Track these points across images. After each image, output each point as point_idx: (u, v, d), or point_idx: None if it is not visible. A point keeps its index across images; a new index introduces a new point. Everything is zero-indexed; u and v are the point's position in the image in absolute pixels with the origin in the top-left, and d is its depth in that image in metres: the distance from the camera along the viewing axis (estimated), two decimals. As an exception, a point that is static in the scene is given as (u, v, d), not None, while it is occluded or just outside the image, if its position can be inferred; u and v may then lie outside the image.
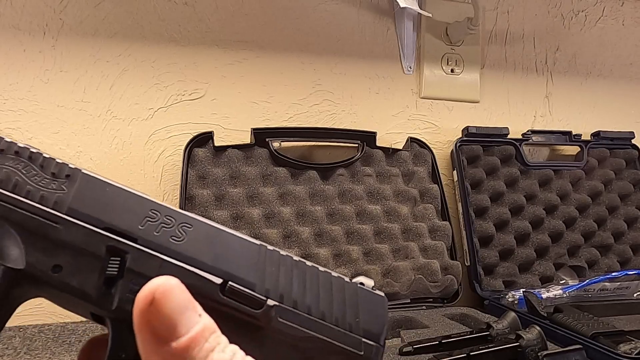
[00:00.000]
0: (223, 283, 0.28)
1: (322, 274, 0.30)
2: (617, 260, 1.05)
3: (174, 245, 0.28)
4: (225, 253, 0.29)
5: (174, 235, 0.28)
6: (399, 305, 0.87)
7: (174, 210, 0.29)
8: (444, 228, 0.94)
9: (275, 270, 0.29)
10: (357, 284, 0.31)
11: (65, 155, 0.86)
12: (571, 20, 1.17)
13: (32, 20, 0.85)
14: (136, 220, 0.28)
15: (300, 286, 0.29)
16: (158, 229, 0.28)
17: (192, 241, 0.28)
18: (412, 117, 1.06)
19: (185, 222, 0.29)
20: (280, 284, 0.29)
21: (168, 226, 0.28)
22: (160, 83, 0.91)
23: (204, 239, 0.28)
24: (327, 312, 0.29)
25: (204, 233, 0.29)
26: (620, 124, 1.19)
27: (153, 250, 0.27)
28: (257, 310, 0.28)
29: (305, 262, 0.30)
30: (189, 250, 0.28)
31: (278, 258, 0.29)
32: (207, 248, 0.28)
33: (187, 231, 0.28)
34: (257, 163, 0.90)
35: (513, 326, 0.70)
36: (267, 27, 0.97)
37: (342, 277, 0.31)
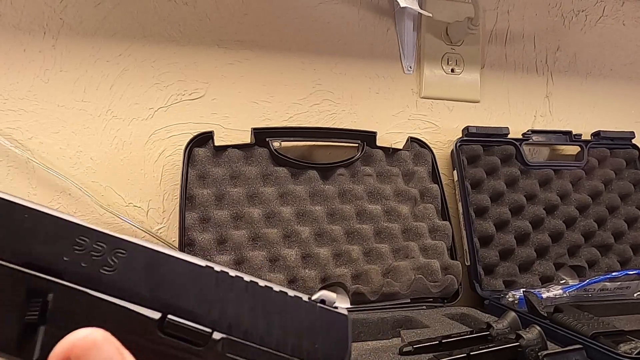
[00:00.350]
0: (161, 318, 0.24)
1: (277, 295, 0.27)
2: (618, 260, 1.05)
3: (105, 277, 0.24)
4: (165, 280, 0.25)
5: (105, 265, 0.25)
6: (399, 305, 0.87)
7: (106, 235, 0.25)
8: (444, 228, 0.94)
9: (224, 296, 0.26)
10: (316, 304, 0.28)
11: (65, 155, 0.87)
12: (571, 20, 1.17)
13: (32, 20, 0.85)
14: (61, 251, 0.24)
15: (252, 313, 0.26)
16: (86, 259, 0.24)
17: (127, 270, 0.25)
18: (412, 117, 1.06)
19: (119, 247, 0.25)
20: (229, 312, 0.26)
21: (98, 254, 0.25)
22: (160, 83, 0.91)
23: (140, 266, 0.25)
24: (281, 341, 0.26)
25: (141, 259, 0.25)
26: (620, 124, 1.19)
27: (80, 285, 0.24)
28: (200, 348, 0.25)
29: (257, 283, 0.27)
30: (123, 282, 0.25)
31: (227, 281, 0.26)
32: (143, 276, 0.25)
33: (121, 258, 0.25)
34: (257, 163, 0.90)
35: (513, 326, 0.70)
36: (267, 27, 0.97)
37: (300, 296, 0.28)
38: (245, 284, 0.27)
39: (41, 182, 0.85)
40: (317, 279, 0.86)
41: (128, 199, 0.89)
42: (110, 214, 0.87)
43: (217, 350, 0.25)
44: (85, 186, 0.86)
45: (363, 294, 0.86)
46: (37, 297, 0.23)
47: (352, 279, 0.88)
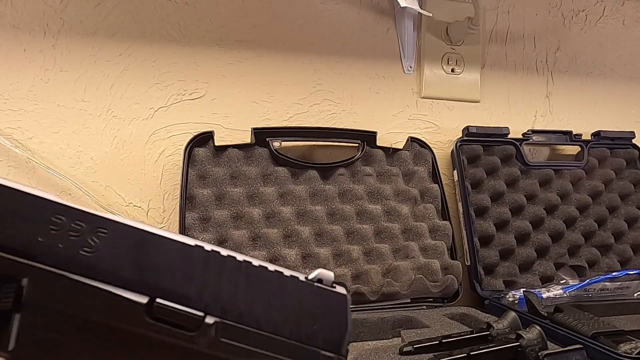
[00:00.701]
0: (149, 302, 0.23)
1: (272, 275, 0.25)
2: (618, 260, 1.05)
3: (85, 258, 0.22)
4: (152, 261, 0.23)
5: (84, 246, 0.22)
6: (399, 305, 0.87)
7: (85, 213, 0.23)
8: (444, 228, 0.94)
9: (216, 277, 0.24)
10: (313, 283, 0.26)
11: (66, 154, 0.87)
12: (572, 20, 1.17)
13: (33, 20, 0.85)
14: (35, 231, 0.22)
15: (247, 294, 0.24)
16: (63, 239, 0.22)
17: (109, 250, 0.23)
18: (412, 117, 1.06)
19: (100, 226, 0.23)
20: (223, 294, 0.24)
21: (77, 234, 0.23)
22: (160, 83, 0.91)
23: (124, 247, 0.23)
24: (279, 324, 0.24)
25: (125, 239, 0.23)
26: (620, 124, 1.19)
27: (57, 268, 0.22)
28: (193, 332, 0.23)
29: (251, 262, 0.25)
30: (105, 263, 0.22)
31: (219, 261, 0.24)
32: (128, 257, 0.23)
33: (102, 238, 0.23)
34: (257, 163, 0.90)
35: (513, 326, 0.70)
36: (268, 27, 0.97)
37: (297, 276, 0.26)
38: (238, 263, 0.25)
39: (41, 182, 0.85)
40: (317, 279, 0.86)
41: (128, 198, 0.89)
42: (111, 213, 0.87)
43: (210, 335, 0.23)
44: (86, 186, 0.86)
45: (363, 294, 0.86)
46: (10, 282, 0.21)
47: (352, 279, 0.88)
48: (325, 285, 0.27)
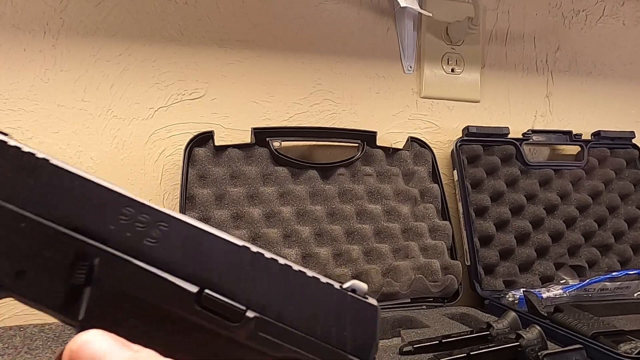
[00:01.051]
0: (199, 292, 0.25)
1: (310, 281, 0.27)
2: (618, 259, 1.05)
3: (147, 247, 0.25)
4: (204, 256, 0.26)
5: (148, 236, 0.25)
6: (399, 304, 0.87)
7: (150, 208, 0.26)
8: (444, 228, 0.94)
9: (259, 277, 0.26)
10: (347, 292, 0.28)
11: (66, 154, 0.87)
12: (572, 19, 1.17)
13: (33, 19, 0.85)
14: (108, 219, 0.25)
15: (285, 295, 0.26)
16: (131, 229, 0.25)
17: (168, 243, 0.25)
18: (412, 117, 1.06)
19: (162, 221, 0.26)
20: (263, 292, 0.26)
21: (142, 225, 0.26)
22: (160, 82, 0.91)
23: (181, 241, 0.26)
24: (312, 325, 0.26)
25: (182, 233, 0.26)
26: (620, 124, 1.19)
27: (124, 253, 0.25)
28: (235, 323, 0.25)
29: (291, 267, 0.27)
30: (164, 254, 0.25)
31: (263, 262, 0.27)
32: (183, 251, 0.26)
33: (163, 231, 0.26)
34: (257, 163, 0.90)
35: (513, 326, 0.70)
36: (268, 27, 0.97)
37: (332, 283, 0.28)
38: (279, 266, 0.27)
39: (41, 182, 0.85)
40: (317, 279, 0.86)
41: (128, 198, 0.89)
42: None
43: (249, 327, 0.25)
44: (86, 186, 0.86)
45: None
46: (84, 260, 0.24)
47: (352, 279, 0.87)
48: (358, 295, 0.28)
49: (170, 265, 0.25)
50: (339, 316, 0.27)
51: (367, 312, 0.28)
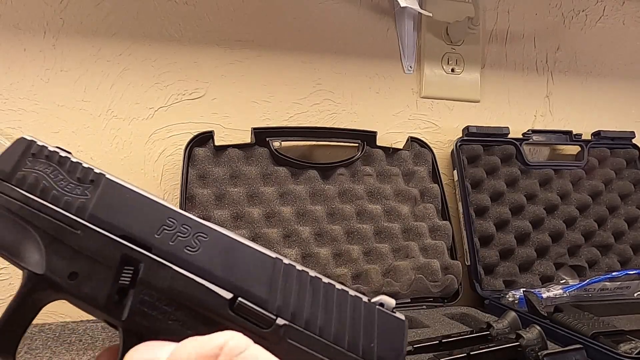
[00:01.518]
0: (233, 298, 0.27)
1: (339, 292, 0.29)
2: (618, 259, 1.05)
3: (188, 255, 0.27)
4: (239, 266, 0.28)
5: (188, 245, 0.28)
6: (399, 305, 0.87)
7: (191, 219, 0.28)
8: (444, 227, 0.94)
9: (289, 287, 0.28)
10: (375, 305, 0.29)
11: (66, 154, 0.86)
12: (572, 19, 1.17)
13: (33, 19, 0.85)
14: (153, 228, 0.28)
15: (314, 305, 0.28)
16: (173, 238, 0.28)
17: (206, 252, 0.28)
18: (412, 117, 1.06)
19: (201, 231, 0.28)
20: (293, 301, 0.28)
21: (184, 235, 0.28)
22: (160, 82, 0.91)
23: (218, 250, 0.28)
24: (340, 335, 0.28)
25: (219, 244, 0.28)
26: (620, 124, 1.19)
27: (166, 260, 0.27)
28: (265, 330, 0.27)
29: (321, 279, 0.29)
30: (202, 262, 0.27)
31: (293, 273, 0.28)
32: (220, 260, 0.28)
33: (202, 241, 0.28)
34: (257, 162, 0.90)
35: (513, 326, 0.70)
36: (268, 27, 0.97)
37: (360, 296, 0.29)
38: (310, 278, 0.29)
39: (41, 182, 0.85)
40: (317, 279, 0.86)
41: (128, 198, 0.89)
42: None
43: (279, 334, 0.27)
44: (86, 186, 0.86)
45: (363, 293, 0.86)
46: (130, 265, 0.27)
47: (352, 279, 0.88)
48: (385, 309, 0.30)
49: (208, 272, 0.27)
50: (367, 329, 0.29)
51: (394, 326, 0.29)
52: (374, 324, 0.29)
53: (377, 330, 0.29)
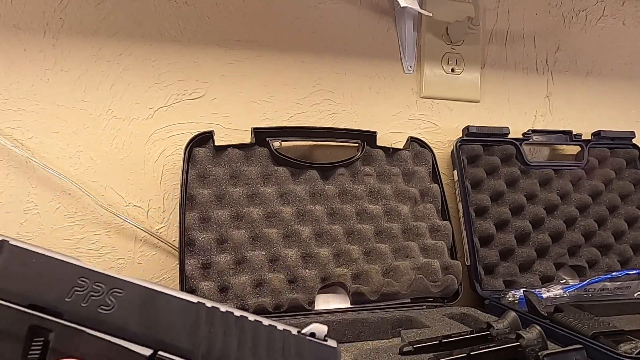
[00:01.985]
0: (152, 355, 0.26)
1: (266, 329, 0.28)
2: (618, 259, 1.05)
3: (102, 315, 0.26)
4: (158, 318, 0.26)
5: (103, 305, 0.26)
6: (399, 305, 0.87)
7: (106, 276, 0.27)
8: (444, 228, 0.94)
9: (214, 332, 0.27)
10: (305, 337, 0.29)
11: (66, 154, 0.87)
12: (572, 19, 1.17)
13: (33, 19, 0.85)
14: (63, 292, 0.26)
15: (241, 348, 0.27)
16: (86, 299, 0.26)
17: (123, 309, 0.26)
18: (412, 117, 1.06)
19: (116, 287, 0.27)
20: (218, 346, 0.26)
21: (97, 294, 0.26)
22: (160, 82, 0.91)
23: (135, 305, 0.26)
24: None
25: (137, 298, 0.27)
26: (620, 124, 1.19)
27: (80, 324, 0.25)
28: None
29: (247, 317, 0.28)
30: (119, 320, 0.26)
31: (217, 316, 0.27)
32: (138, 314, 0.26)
33: (118, 297, 0.26)
34: (257, 162, 0.90)
35: (513, 326, 0.70)
36: (268, 27, 0.97)
37: (290, 329, 0.29)
38: (234, 318, 0.28)
39: (41, 182, 0.85)
40: (317, 279, 0.86)
41: (128, 198, 0.89)
42: (111, 213, 0.87)
43: None
44: (85, 186, 0.86)
45: (363, 293, 0.86)
46: (40, 336, 0.25)
47: (352, 279, 0.88)
48: (317, 339, 0.29)
49: (125, 330, 0.26)
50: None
51: (327, 354, 0.29)
52: (305, 356, 0.28)
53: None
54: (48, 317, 0.25)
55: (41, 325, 0.25)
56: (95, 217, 0.87)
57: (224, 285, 0.82)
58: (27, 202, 0.85)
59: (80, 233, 0.87)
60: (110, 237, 0.88)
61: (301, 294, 0.84)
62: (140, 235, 0.89)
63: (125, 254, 0.89)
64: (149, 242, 0.90)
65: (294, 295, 0.84)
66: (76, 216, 0.86)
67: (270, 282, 0.83)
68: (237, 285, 0.81)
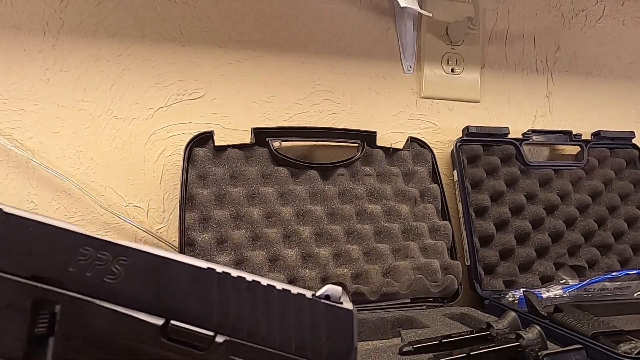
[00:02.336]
0: (164, 323, 0.25)
1: (280, 294, 0.27)
2: (618, 259, 1.05)
3: (109, 285, 0.25)
4: (168, 285, 0.25)
5: (109, 274, 0.25)
6: (399, 305, 0.87)
7: (108, 243, 0.26)
8: (444, 228, 0.94)
9: (226, 298, 0.26)
10: (320, 300, 0.28)
11: (66, 154, 0.87)
12: (571, 19, 1.17)
13: (33, 19, 0.85)
14: (66, 262, 0.25)
15: (255, 313, 0.26)
16: (91, 268, 0.25)
17: (129, 277, 0.25)
18: (412, 117, 1.06)
19: (121, 255, 0.25)
20: (232, 313, 0.25)
21: (102, 263, 0.25)
22: (160, 83, 0.91)
23: (142, 272, 0.25)
24: (284, 340, 0.26)
25: (143, 265, 0.25)
26: (620, 124, 1.19)
27: (87, 294, 0.24)
28: (203, 352, 0.25)
29: (260, 282, 0.27)
30: (126, 289, 0.25)
31: (229, 282, 0.26)
32: (146, 282, 0.25)
33: (124, 265, 0.25)
34: (257, 163, 0.90)
35: (513, 326, 0.70)
36: (267, 27, 0.97)
37: (304, 293, 0.28)
38: (247, 284, 0.27)
39: (41, 182, 0.85)
40: (317, 279, 0.86)
41: (128, 199, 0.89)
42: (111, 214, 0.87)
43: (220, 352, 0.25)
44: (85, 186, 0.86)
45: (363, 294, 0.86)
46: (45, 309, 0.24)
47: (352, 279, 0.88)
48: (332, 302, 0.28)
49: (134, 299, 0.25)
50: (313, 326, 0.27)
51: (342, 318, 0.28)
52: (319, 320, 0.27)
53: (324, 325, 0.27)
54: (52, 288, 0.24)
55: (46, 297, 0.24)
56: (95, 218, 0.87)
57: (224, 285, 0.82)
58: (27, 202, 0.85)
59: (80, 233, 0.87)
60: (110, 237, 0.87)
61: (301, 294, 0.84)
62: (140, 236, 0.89)
63: (125, 254, 0.89)
64: (149, 242, 0.90)
65: (294, 296, 0.83)
66: (76, 216, 0.86)
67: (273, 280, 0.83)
68: (237, 286, 0.81)
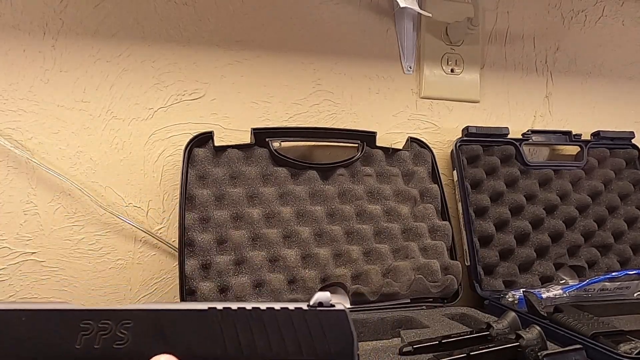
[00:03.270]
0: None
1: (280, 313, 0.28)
2: (617, 260, 1.05)
3: (120, 351, 0.25)
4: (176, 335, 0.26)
5: (116, 340, 0.25)
6: (399, 305, 0.87)
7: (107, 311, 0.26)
8: (444, 228, 0.94)
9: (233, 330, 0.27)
10: (316, 309, 0.29)
11: (66, 155, 0.87)
12: (571, 20, 1.17)
13: (32, 20, 0.85)
14: (70, 342, 0.24)
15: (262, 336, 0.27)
16: (97, 340, 0.25)
17: (137, 338, 0.25)
18: (412, 117, 1.06)
19: (123, 319, 0.26)
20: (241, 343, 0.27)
21: (106, 332, 0.25)
22: (160, 83, 0.91)
23: (149, 329, 0.26)
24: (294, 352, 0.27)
25: (147, 323, 0.26)
26: (620, 124, 1.19)
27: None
28: None
29: (259, 308, 0.28)
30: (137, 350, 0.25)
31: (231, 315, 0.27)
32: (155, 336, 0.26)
33: (129, 328, 0.26)
34: (257, 163, 0.90)
35: (513, 326, 0.70)
36: (267, 27, 0.97)
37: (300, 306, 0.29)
38: (248, 312, 0.28)
39: (41, 183, 0.85)
40: (317, 279, 0.86)
41: (128, 199, 0.89)
42: (110, 214, 0.87)
43: None
44: (85, 186, 0.86)
45: (363, 294, 0.86)
46: None
47: (352, 279, 0.88)
48: (325, 307, 0.29)
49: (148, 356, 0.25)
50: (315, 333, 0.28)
51: (337, 318, 0.29)
52: (320, 326, 0.29)
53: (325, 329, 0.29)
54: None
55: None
56: (95, 218, 0.87)
57: (224, 285, 0.82)
58: (26, 202, 0.85)
59: (80, 234, 0.87)
60: (110, 237, 0.88)
61: (301, 295, 0.84)
62: (140, 236, 0.89)
63: (125, 254, 0.89)
64: (149, 242, 0.90)
65: (294, 296, 0.84)
66: (76, 217, 0.87)
67: (270, 282, 0.83)
68: (237, 286, 0.81)
